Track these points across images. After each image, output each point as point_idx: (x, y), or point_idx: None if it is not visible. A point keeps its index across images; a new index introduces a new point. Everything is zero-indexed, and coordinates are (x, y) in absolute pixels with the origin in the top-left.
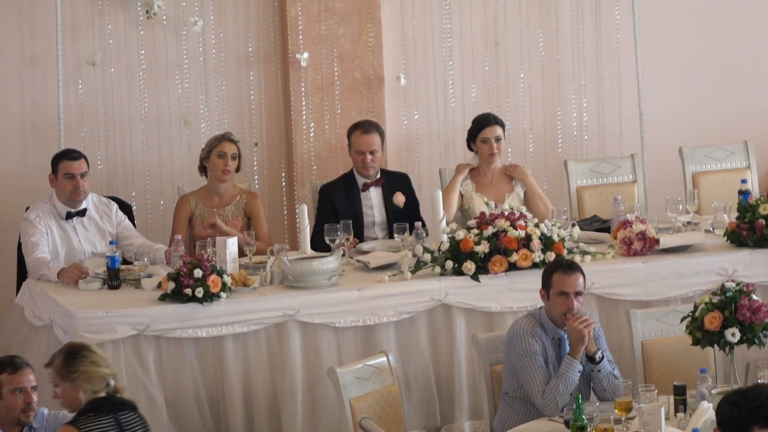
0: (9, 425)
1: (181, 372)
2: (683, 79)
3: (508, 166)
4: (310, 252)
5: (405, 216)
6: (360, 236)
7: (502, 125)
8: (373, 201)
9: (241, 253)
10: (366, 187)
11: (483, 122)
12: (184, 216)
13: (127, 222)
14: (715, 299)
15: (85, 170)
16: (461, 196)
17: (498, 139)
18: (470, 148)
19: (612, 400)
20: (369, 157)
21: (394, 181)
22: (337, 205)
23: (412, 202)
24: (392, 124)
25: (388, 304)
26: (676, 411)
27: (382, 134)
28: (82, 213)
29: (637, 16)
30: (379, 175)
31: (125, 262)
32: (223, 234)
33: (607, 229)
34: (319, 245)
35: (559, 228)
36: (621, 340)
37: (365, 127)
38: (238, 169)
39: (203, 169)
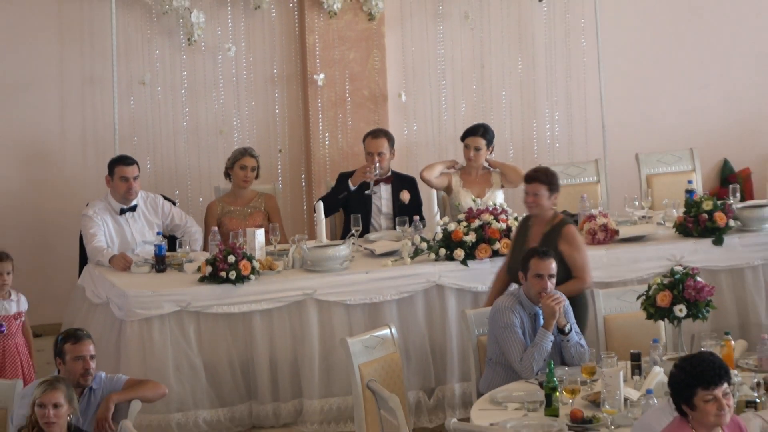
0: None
1: (216, 343)
2: (639, 96)
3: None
4: (325, 241)
5: (409, 212)
6: (367, 221)
7: (488, 139)
8: (382, 194)
9: (267, 242)
10: (376, 182)
11: (470, 131)
12: (213, 218)
13: (176, 212)
14: (666, 281)
15: (137, 174)
16: (451, 189)
17: (477, 149)
18: None
19: (579, 365)
20: (377, 158)
21: (402, 181)
22: (351, 190)
23: (416, 201)
24: (394, 134)
25: (391, 285)
26: (633, 374)
27: (390, 139)
28: (134, 209)
29: (601, 44)
30: (389, 174)
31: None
32: None
33: (575, 222)
34: (327, 206)
35: None
36: None
37: (375, 133)
38: (257, 177)
39: (227, 175)
